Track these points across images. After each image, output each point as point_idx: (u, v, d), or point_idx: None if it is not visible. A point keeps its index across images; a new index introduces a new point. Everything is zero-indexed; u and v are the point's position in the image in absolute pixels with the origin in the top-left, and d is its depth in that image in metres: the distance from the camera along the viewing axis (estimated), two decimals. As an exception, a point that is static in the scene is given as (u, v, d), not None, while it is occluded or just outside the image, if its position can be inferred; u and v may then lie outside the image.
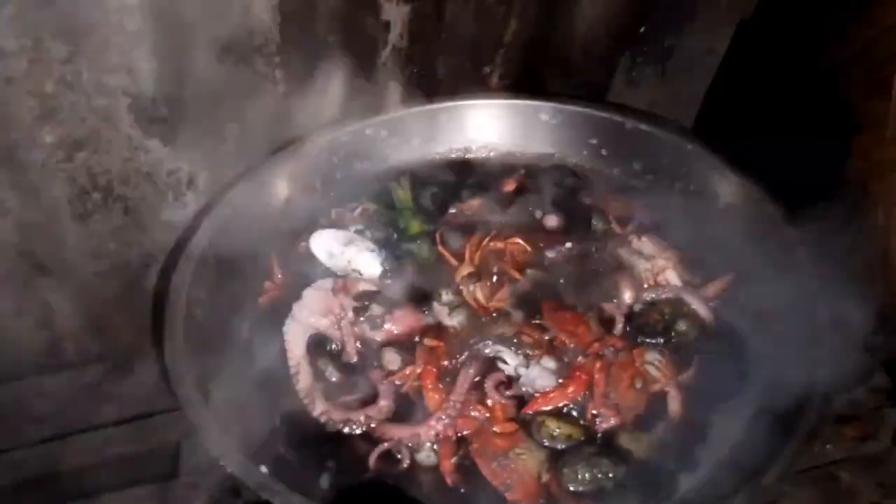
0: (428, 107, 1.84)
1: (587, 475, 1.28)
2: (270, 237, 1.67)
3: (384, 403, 1.37)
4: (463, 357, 1.43)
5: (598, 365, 1.38)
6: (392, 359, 1.44)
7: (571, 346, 1.41)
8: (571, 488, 1.28)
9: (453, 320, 1.49)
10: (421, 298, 1.55)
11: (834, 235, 2.28)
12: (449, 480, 1.30)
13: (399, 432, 1.33)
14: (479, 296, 1.52)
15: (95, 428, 1.76)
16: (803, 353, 1.37)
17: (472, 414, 1.36)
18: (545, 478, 1.29)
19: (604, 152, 1.82)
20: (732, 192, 1.64)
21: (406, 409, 1.40)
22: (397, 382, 1.42)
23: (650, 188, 1.77)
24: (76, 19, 1.47)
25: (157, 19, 1.53)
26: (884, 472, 1.87)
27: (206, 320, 1.44)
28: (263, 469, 1.18)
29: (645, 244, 1.59)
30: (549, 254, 1.60)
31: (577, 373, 1.38)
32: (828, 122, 2.25)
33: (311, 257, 1.64)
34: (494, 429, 1.34)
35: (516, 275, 1.56)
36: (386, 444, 1.33)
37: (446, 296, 1.53)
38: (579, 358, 1.41)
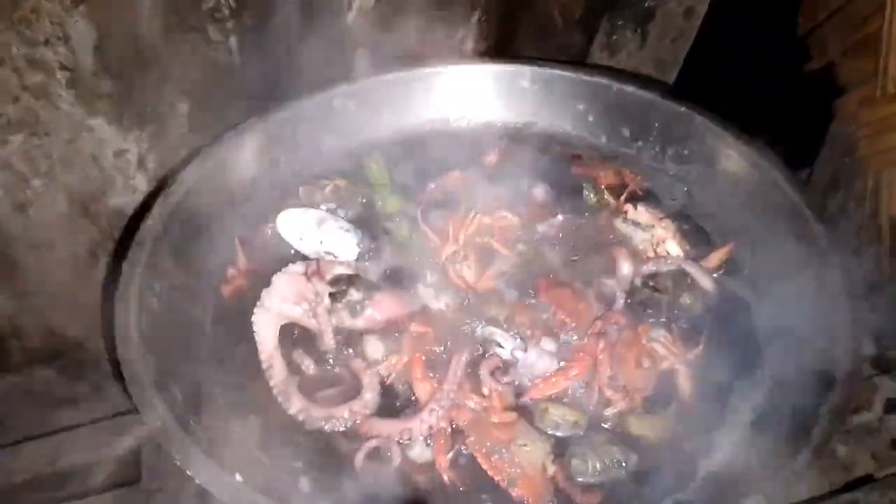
0: (399, 74, 1.70)
1: (598, 465, 1.17)
2: (232, 219, 1.51)
3: (369, 396, 1.23)
4: (453, 342, 1.30)
5: (601, 345, 1.27)
6: (375, 348, 1.31)
7: (571, 325, 1.30)
8: (581, 480, 1.17)
9: (440, 303, 1.37)
10: (403, 281, 1.42)
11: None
12: (446, 478, 1.17)
13: (388, 428, 1.20)
14: (467, 275, 1.39)
15: (48, 434, 1.62)
16: (817, 317, 1.27)
17: (468, 404, 1.23)
18: (551, 470, 1.17)
19: (590, 118, 1.70)
20: (731, 154, 1.53)
21: (393, 403, 1.27)
22: (382, 373, 1.28)
23: (641, 155, 1.66)
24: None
25: (93, -21, 1.37)
26: (877, 443, 1.83)
27: (163, 313, 1.28)
28: (237, 477, 1.03)
29: (641, 214, 1.49)
30: (540, 228, 1.48)
31: (580, 354, 1.27)
32: (810, 84, 2.19)
33: (279, 240, 1.49)
34: (492, 419, 1.21)
35: (506, 251, 1.44)
36: (373, 442, 1.19)
37: (431, 277, 1.40)
38: (581, 338, 1.29)
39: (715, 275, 1.43)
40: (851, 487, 1.71)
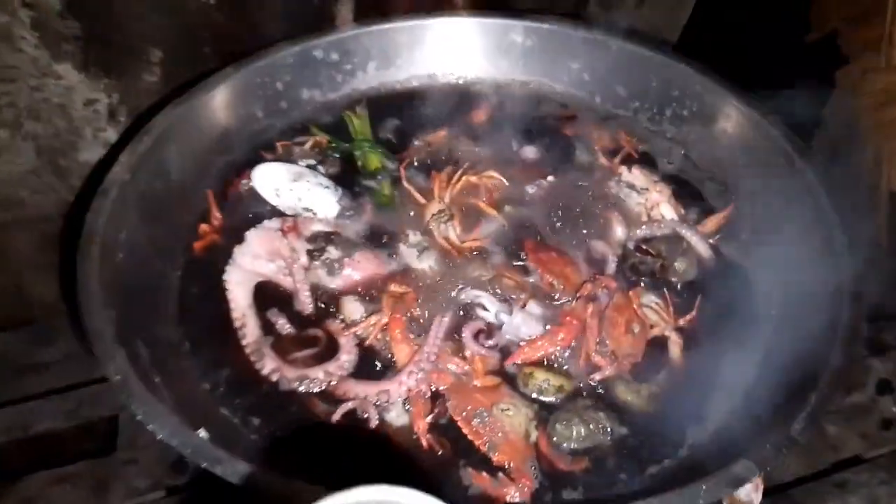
0: (385, 25, 1.62)
1: (582, 430, 1.11)
2: (205, 172, 1.44)
3: (346, 358, 1.17)
4: (436, 304, 1.24)
5: (590, 309, 1.21)
6: (353, 308, 1.24)
7: (560, 288, 1.24)
8: (565, 446, 1.11)
9: (423, 263, 1.30)
10: (385, 240, 1.35)
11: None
12: (424, 442, 1.11)
13: (365, 389, 1.14)
14: (452, 235, 1.33)
15: (19, 401, 1.55)
16: (814, 286, 1.22)
17: (449, 367, 1.17)
18: (534, 435, 1.12)
19: (585, 77, 1.63)
20: (730, 114, 1.47)
21: (372, 365, 1.20)
22: (360, 334, 1.22)
23: (638, 116, 1.60)
24: None
25: None
26: (867, 423, 1.80)
27: (129, 267, 1.20)
28: (202, 433, 0.96)
29: (636, 176, 1.42)
30: (529, 188, 1.42)
31: (567, 318, 1.21)
32: (812, 54, 2.12)
33: (254, 195, 1.41)
34: (474, 383, 1.16)
35: (493, 212, 1.37)
36: (350, 404, 1.13)
37: (414, 236, 1.34)
38: (569, 301, 1.23)
39: (711, 240, 1.38)
40: (840, 468, 1.68)
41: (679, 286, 1.31)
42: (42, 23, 1.43)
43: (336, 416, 1.11)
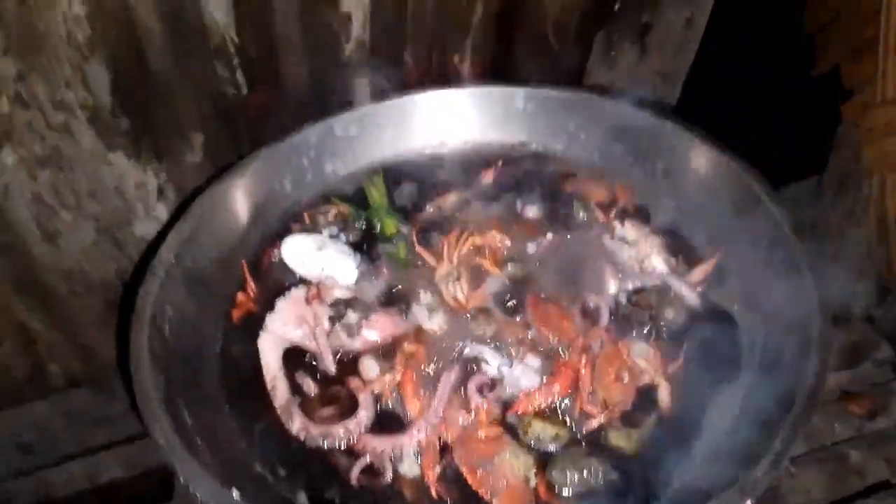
0: (397, 100, 1.77)
1: (576, 476, 1.23)
2: (241, 246, 1.61)
3: (363, 415, 1.31)
4: (443, 361, 1.38)
5: (583, 360, 1.32)
6: (370, 367, 1.38)
7: (555, 342, 1.36)
8: (563, 491, 1.23)
9: (433, 322, 1.44)
10: (399, 302, 1.50)
11: (827, 207, 2.24)
12: (433, 491, 1.24)
13: (381, 444, 1.28)
14: (459, 295, 1.46)
15: (86, 453, 1.72)
16: (794, 333, 1.31)
17: (456, 419, 1.30)
18: (533, 482, 1.24)
19: (582, 137, 1.75)
20: (713, 168, 1.57)
21: (388, 419, 1.34)
22: (377, 391, 1.36)
23: (633, 171, 1.71)
24: (23, 33, 1.41)
25: (106, 26, 1.47)
26: (892, 449, 1.83)
27: (175, 337, 1.38)
28: (235, 493, 1.12)
29: (628, 230, 1.54)
30: (530, 247, 1.54)
31: (563, 369, 1.33)
32: (815, 88, 2.19)
33: (283, 265, 1.58)
34: (479, 434, 1.29)
35: (496, 270, 1.51)
36: (367, 458, 1.27)
37: (425, 297, 1.48)
38: (564, 354, 1.35)
39: (699, 288, 1.48)
40: (866, 494, 1.73)
41: (668, 334, 1.41)
42: (96, 120, 1.63)
43: (355, 471, 1.25)
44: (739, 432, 1.26)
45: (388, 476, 1.26)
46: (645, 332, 1.41)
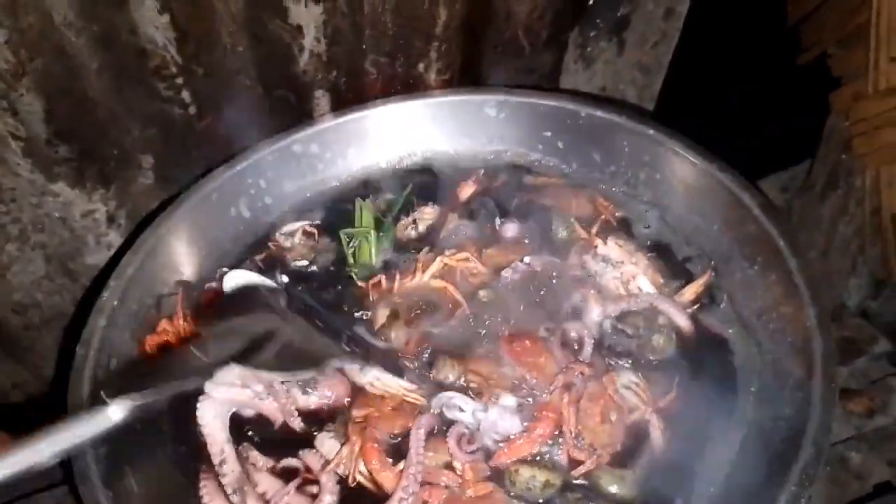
0: (360, 113, 1.65)
1: (579, 526, 1.13)
2: (191, 281, 1.49)
3: (328, 500, 1.16)
4: (405, 417, 1.24)
5: (565, 399, 1.21)
6: (330, 447, 1.22)
7: (534, 380, 1.25)
8: (565, 544, 1.12)
9: (367, 376, 1.28)
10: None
11: (816, 198, 2.15)
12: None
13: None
14: (396, 339, 1.34)
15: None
16: (795, 352, 1.21)
17: (440, 482, 1.17)
18: (533, 537, 1.12)
19: (560, 145, 1.64)
20: (700, 177, 1.45)
21: (361, 499, 1.19)
22: (340, 472, 1.20)
23: (614, 180, 1.59)
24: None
25: (31, 53, 1.34)
26: (894, 449, 1.77)
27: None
28: None
29: (612, 248, 1.42)
30: (505, 273, 1.42)
31: (544, 412, 1.21)
32: (804, 78, 2.08)
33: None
34: (468, 493, 1.16)
35: (461, 301, 1.39)
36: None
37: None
38: (544, 393, 1.24)
39: (690, 310, 1.37)
40: (868, 498, 1.65)
41: (658, 363, 1.30)
42: (32, 150, 1.50)
43: None
44: (742, 467, 1.17)
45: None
46: (632, 361, 1.30)
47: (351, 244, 1.55)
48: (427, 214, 1.61)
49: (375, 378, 1.27)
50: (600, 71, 1.97)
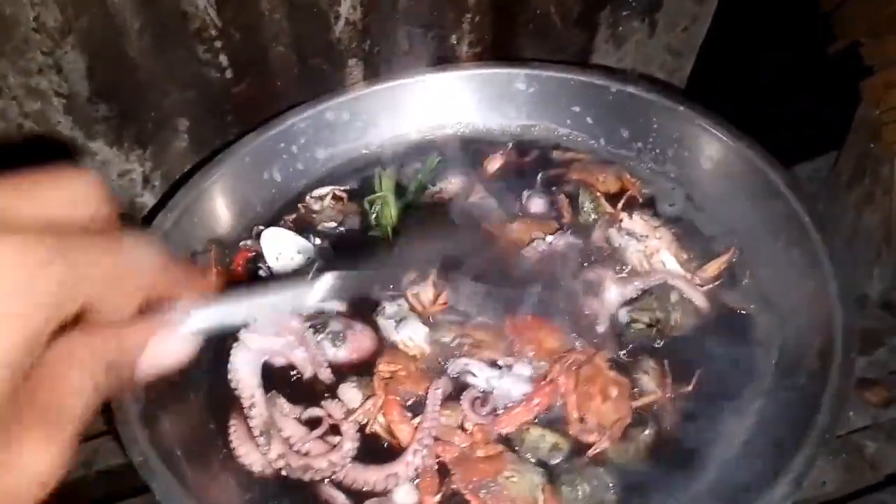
0: (392, 83, 1.67)
1: (587, 489, 1.14)
2: (223, 239, 1.53)
3: (348, 446, 1.20)
4: (425, 377, 1.27)
5: (564, 381, 1.23)
6: (352, 396, 1.27)
7: (539, 358, 1.27)
8: (573, 508, 1.14)
9: (401, 334, 1.32)
10: (365, 314, 1.39)
11: (844, 189, 2.14)
12: (436, 520, 1.15)
13: (373, 475, 1.17)
14: (424, 299, 1.36)
15: (84, 440, 1.65)
16: (814, 332, 1.22)
17: (452, 441, 1.20)
18: (541, 500, 1.14)
19: (588, 120, 1.65)
20: (728, 155, 1.46)
21: (377, 448, 1.23)
22: (360, 420, 1.25)
23: (642, 157, 1.61)
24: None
25: (77, 12, 1.38)
26: (910, 437, 1.76)
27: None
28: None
29: (636, 223, 1.43)
30: (527, 253, 1.43)
31: (542, 383, 1.23)
32: (834, 65, 2.07)
33: (260, 258, 1.49)
34: (478, 453, 1.19)
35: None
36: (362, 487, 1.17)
37: (391, 307, 1.36)
38: (547, 365, 1.26)
39: (711, 286, 1.39)
40: (881, 486, 1.66)
41: (676, 345, 1.31)
42: (73, 108, 1.54)
43: None
44: (760, 439, 1.19)
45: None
46: (648, 343, 1.31)
47: (373, 209, 1.59)
48: (454, 185, 1.63)
49: (409, 338, 1.30)
50: (631, 52, 1.97)
